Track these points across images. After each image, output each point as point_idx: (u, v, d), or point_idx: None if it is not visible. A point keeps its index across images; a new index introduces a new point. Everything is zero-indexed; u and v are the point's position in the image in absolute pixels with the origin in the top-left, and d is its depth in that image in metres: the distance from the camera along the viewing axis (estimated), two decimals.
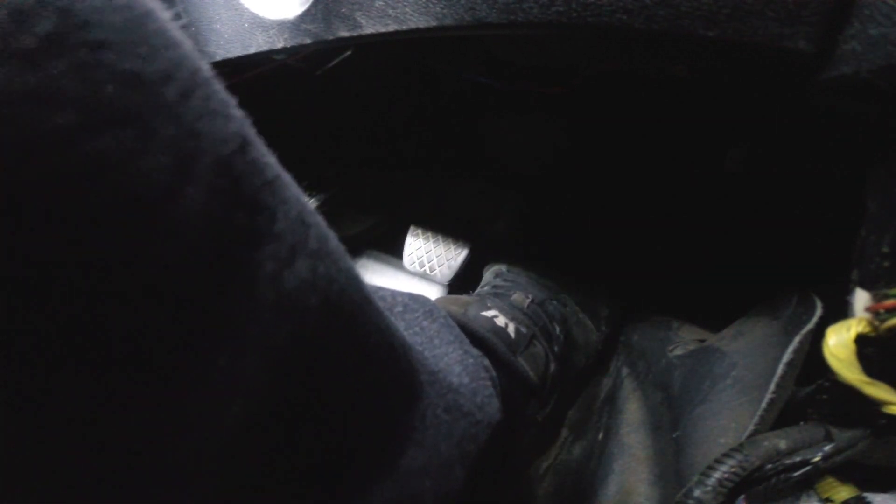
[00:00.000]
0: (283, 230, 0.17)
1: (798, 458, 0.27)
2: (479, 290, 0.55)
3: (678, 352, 0.46)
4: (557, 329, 0.50)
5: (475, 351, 0.32)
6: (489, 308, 0.45)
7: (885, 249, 0.24)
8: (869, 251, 0.25)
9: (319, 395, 0.20)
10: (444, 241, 0.66)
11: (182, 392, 0.15)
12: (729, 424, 0.32)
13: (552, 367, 0.47)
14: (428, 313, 0.32)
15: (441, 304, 0.46)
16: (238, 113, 0.17)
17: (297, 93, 0.68)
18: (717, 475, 0.26)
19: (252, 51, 0.39)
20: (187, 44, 0.15)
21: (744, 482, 0.26)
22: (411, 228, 0.68)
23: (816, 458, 0.26)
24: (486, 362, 0.40)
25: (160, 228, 0.13)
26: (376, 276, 0.72)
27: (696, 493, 0.26)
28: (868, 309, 0.24)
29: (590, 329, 0.54)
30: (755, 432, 0.30)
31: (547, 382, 0.46)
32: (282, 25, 0.36)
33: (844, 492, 0.26)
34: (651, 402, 0.45)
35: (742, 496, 0.27)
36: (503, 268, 0.57)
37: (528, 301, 0.50)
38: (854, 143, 0.40)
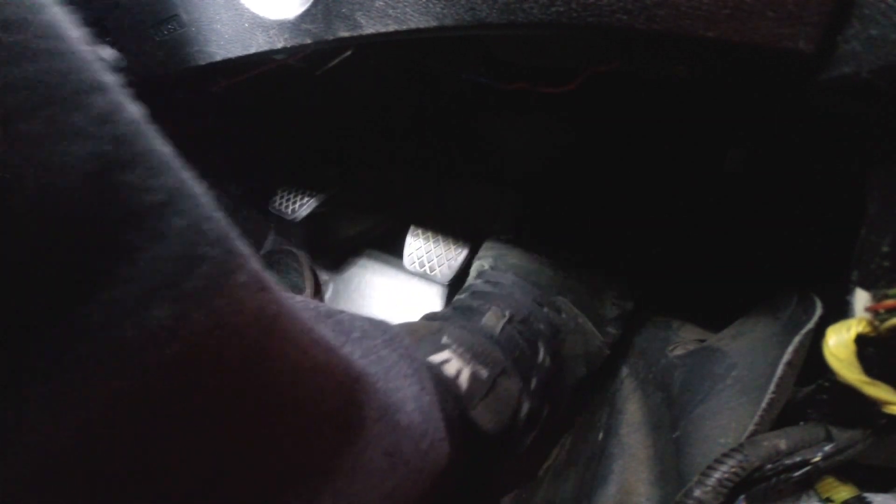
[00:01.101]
0: (140, 272, 0.14)
1: (798, 458, 0.27)
2: (458, 295, 0.52)
3: (678, 352, 0.46)
4: (542, 352, 0.44)
5: (432, 386, 0.29)
6: (442, 348, 0.39)
7: (886, 249, 0.24)
8: (869, 251, 0.25)
9: (168, 455, 0.17)
10: (444, 241, 0.66)
11: None
12: (729, 424, 0.32)
13: (525, 406, 0.41)
14: (388, 342, 0.29)
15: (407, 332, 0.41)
16: (116, 130, 0.14)
17: (297, 93, 0.68)
18: (717, 475, 0.26)
19: (252, 51, 0.39)
20: (60, 53, 0.13)
21: (744, 482, 0.26)
22: (411, 228, 0.68)
23: (816, 458, 0.27)
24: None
25: None
26: (376, 276, 0.72)
27: (697, 493, 0.26)
28: (868, 309, 0.24)
29: (591, 334, 0.50)
30: (755, 432, 0.30)
31: (518, 424, 0.41)
32: (282, 25, 0.36)
33: (844, 492, 0.26)
34: (651, 402, 0.44)
35: (742, 496, 0.27)
36: (487, 264, 0.53)
37: (503, 322, 0.43)
38: (854, 144, 0.40)
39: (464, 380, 0.37)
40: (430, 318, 0.47)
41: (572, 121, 0.66)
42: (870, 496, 0.26)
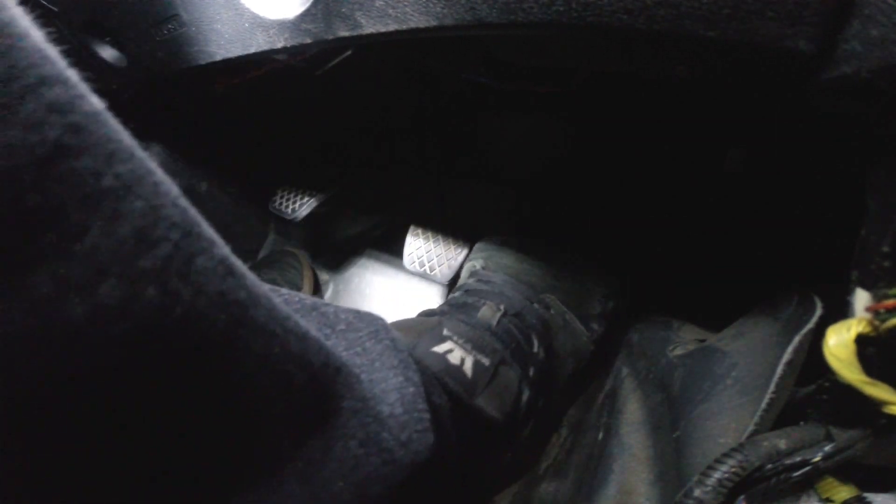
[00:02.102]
0: (90, 249, 0.15)
1: (798, 458, 0.27)
2: (451, 294, 0.52)
3: (678, 352, 0.46)
4: (536, 344, 0.46)
5: (417, 378, 0.29)
6: (444, 339, 0.40)
7: (886, 249, 0.24)
8: (869, 251, 0.25)
9: (115, 431, 0.17)
10: (444, 241, 0.66)
11: None
12: (729, 424, 0.32)
13: (525, 394, 0.43)
14: (373, 334, 0.29)
15: (397, 327, 0.42)
16: (68, 119, 0.15)
17: (297, 93, 0.68)
18: (717, 475, 0.26)
19: (252, 51, 0.39)
20: (16, 49, 0.14)
21: (744, 482, 0.26)
22: (411, 228, 0.68)
23: (816, 458, 0.26)
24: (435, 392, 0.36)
25: None
26: (376, 276, 0.72)
27: (696, 493, 0.26)
28: (868, 309, 0.24)
29: (579, 332, 0.52)
30: (755, 432, 0.30)
31: (520, 412, 0.42)
32: (282, 25, 0.36)
33: (844, 492, 0.26)
34: (651, 402, 0.44)
35: (742, 496, 0.27)
36: (478, 264, 0.54)
37: (498, 315, 0.45)
38: (854, 144, 0.40)
39: (468, 368, 0.39)
40: (426, 314, 0.48)
41: (572, 121, 0.66)
42: (870, 496, 0.26)
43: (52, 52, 0.15)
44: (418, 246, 0.67)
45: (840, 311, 0.26)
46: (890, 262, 0.24)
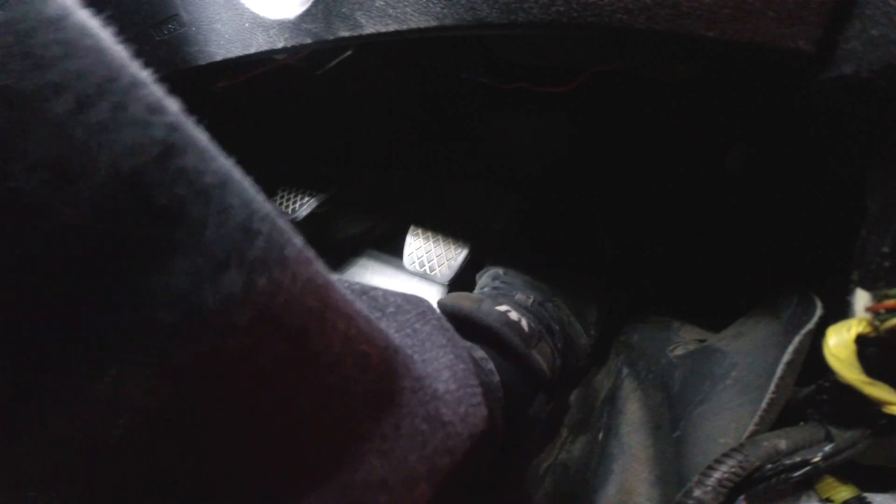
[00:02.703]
0: (211, 242, 0.16)
1: (798, 459, 0.27)
2: (477, 292, 0.56)
3: (678, 352, 0.46)
4: (557, 328, 0.51)
5: (466, 355, 0.30)
6: (502, 303, 0.46)
7: (886, 250, 0.24)
8: (869, 251, 0.25)
9: (241, 412, 0.18)
10: (444, 241, 0.66)
11: (59, 406, 0.14)
12: (729, 424, 0.32)
13: (557, 361, 0.48)
14: (421, 315, 0.31)
15: (453, 300, 0.47)
16: (168, 119, 0.16)
17: (297, 93, 0.68)
18: (717, 475, 0.26)
19: (252, 51, 0.39)
20: (106, 50, 0.15)
21: (744, 482, 0.26)
22: (411, 228, 0.68)
23: (816, 459, 0.26)
24: (488, 365, 0.39)
25: (25, 249, 0.13)
26: (376, 276, 0.72)
27: (696, 493, 0.26)
28: (868, 309, 0.24)
29: (580, 333, 0.56)
30: (755, 432, 0.30)
31: (555, 377, 0.47)
32: (282, 25, 0.36)
33: (844, 492, 0.26)
34: (651, 402, 0.44)
35: (742, 496, 0.27)
36: (500, 271, 0.58)
37: (530, 300, 0.51)
38: (854, 144, 0.40)
39: (525, 325, 0.45)
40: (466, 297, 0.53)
41: (572, 121, 0.66)
42: (870, 496, 0.26)
43: (126, 51, 0.16)
44: (418, 246, 0.67)
45: (840, 311, 0.26)
46: (890, 263, 0.24)
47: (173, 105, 0.17)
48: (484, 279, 0.59)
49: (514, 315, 0.45)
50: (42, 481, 0.16)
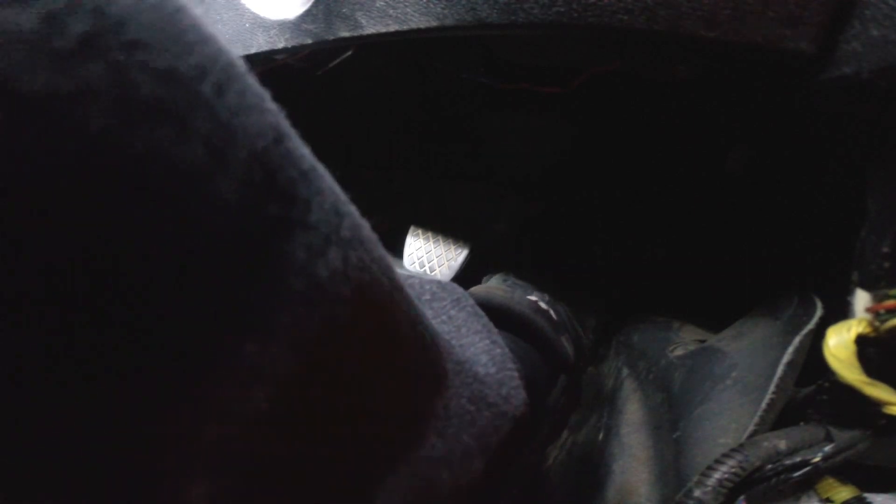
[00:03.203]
0: (317, 220, 0.17)
1: (798, 459, 0.27)
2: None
3: (678, 352, 0.46)
4: (570, 324, 0.52)
5: (501, 340, 0.31)
6: (532, 293, 0.48)
7: (886, 250, 0.24)
8: (869, 252, 0.25)
9: (349, 385, 0.19)
10: (444, 241, 0.66)
11: (206, 374, 0.15)
12: (729, 425, 0.32)
13: (574, 353, 0.49)
14: (455, 302, 0.32)
15: (486, 290, 0.48)
16: (272, 106, 0.17)
17: (297, 93, 0.68)
18: (717, 475, 0.26)
19: (253, 51, 0.39)
20: (220, 39, 0.16)
21: (744, 482, 0.26)
22: (411, 228, 0.68)
23: (816, 459, 0.26)
24: (527, 346, 0.41)
25: (191, 219, 0.14)
26: None
27: (697, 493, 0.26)
28: (868, 309, 0.24)
29: (581, 336, 0.56)
30: (755, 433, 0.30)
31: (577, 371, 0.48)
32: (282, 26, 0.36)
33: (844, 492, 0.26)
34: (651, 402, 0.44)
35: (742, 496, 0.27)
36: (507, 274, 0.59)
37: (546, 297, 0.52)
38: (854, 144, 0.40)
39: (553, 314, 0.46)
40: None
41: (572, 121, 0.66)
42: (870, 496, 0.26)
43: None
44: (418, 246, 0.67)
45: (840, 311, 0.26)
46: (890, 263, 0.24)
47: (268, 93, 0.18)
48: (493, 281, 0.60)
49: (543, 305, 0.47)
50: (202, 459, 0.16)
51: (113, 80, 0.12)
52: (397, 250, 0.69)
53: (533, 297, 0.48)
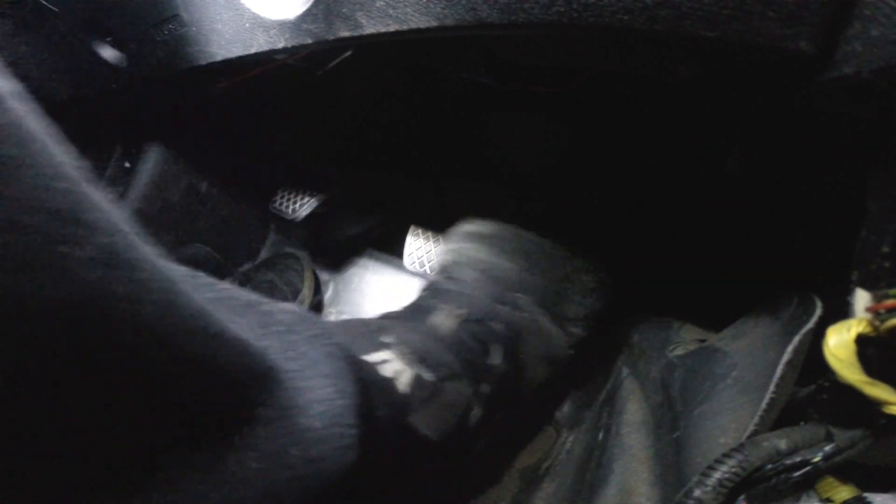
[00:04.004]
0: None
1: (798, 459, 0.27)
2: (421, 290, 0.49)
3: (678, 352, 0.46)
4: (497, 356, 0.42)
5: (352, 389, 0.28)
6: (380, 347, 0.37)
7: (886, 250, 0.24)
8: (869, 251, 0.25)
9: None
10: (444, 242, 0.66)
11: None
12: (729, 424, 0.32)
13: (475, 411, 0.40)
14: (312, 338, 0.28)
15: (342, 329, 0.39)
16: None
17: (297, 93, 0.68)
18: (717, 475, 0.26)
19: (253, 51, 0.39)
20: None
21: (744, 482, 0.26)
22: (411, 228, 0.68)
23: (816, 459, 0.27)
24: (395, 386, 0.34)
25: None
26: (376, 275, 0.72)
27: (697, 493, 0.26)
28: (868, 309, 0.24)
29: (553, 335, 0.48)
30: (755, 432, 0.30)
31: (467, 430, 0.39)
32: (282, 25, 0.36)
33: (844, 492, 0.26)
34: (651, 402, 0.44)
35: (742, 496, 0.27)
36: (450, 258, 0.51)
37: (455, 323, 0.42)
38: (854, 144, 0.40)
39: (404, 382, 0.36)
40: (383, 316, 0.45)
41: (573, 121, 0.66)
42: (870, 496, 0.26)
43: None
44: (418, 246, 0.67)
45: (840, 311, 0.26)
46: (890, 263, 0.24)
47: None
48: (437, 266, 0.52)
49: (389, 368, 0.35)
50: None
51: None
52: (397, 250, 0.69)
53: (378, 357, 0.36)
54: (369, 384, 0.32)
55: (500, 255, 0.49)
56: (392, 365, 0.36)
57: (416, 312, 0.44)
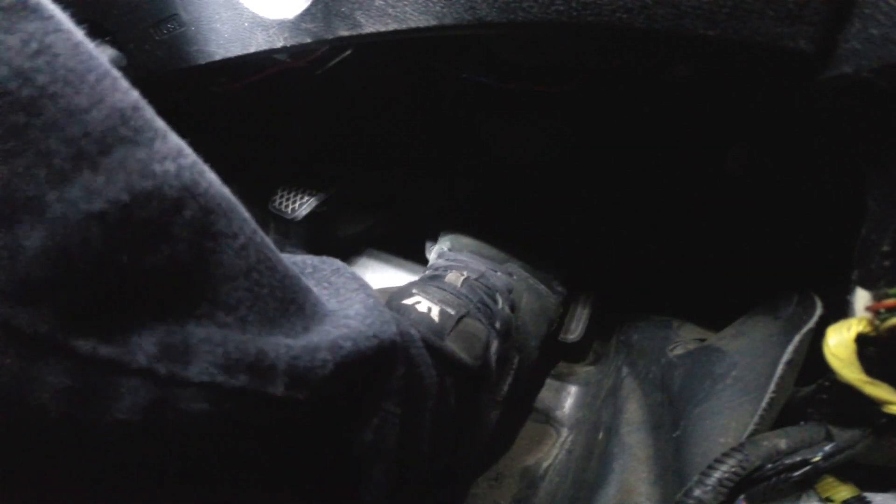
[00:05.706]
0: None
1: (798, 458, 0.27)
2: (422, 275, 0.56)
3: (678, 351, 0.46)
4: (500, 301, 0.50)
5: (376, 293, 0.33)
6: (411, 295, 0.46)
7: (886, 249, 0.24)
8: (869, 251, 0.25)
9: None
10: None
11: None
12: (729, 424, 0.32)
13: (494, 344, 0.47)
14: (335, 271, 0.34)
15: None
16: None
17: (297, 93, 0.68)
18: (717, 475, 0.26)
19: (252, 50, 0.39)
20: None
21: (744, 482, 0.26)
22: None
23: (816, 458, 0.26)
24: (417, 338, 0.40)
25: None
26: (376, 275, 0.72)
27: (697, 492, 0.26)
28: (868, 308, 0.24)
29: (544, 294, 0.56)
30: (755, 432, 0.30)
31: (490, 360, 0.46)
32: (281, 24, 0.36)
33: (844, 492, 0.26)
34: (651, 401, 0.44)
35: (742, 496, 0.27)
36: (445, 247, 0.58)
37: (461, 279, 0.50)
38: (854, 144, 0.40)
39: (435, 315, 0.44)
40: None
41: (572, 121, 0.66)
42: (870, 496, 0.26)
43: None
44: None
45: (840, 310, 0.26)
46: (890, 262, 0.24)
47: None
48: (431, 257, 0.60)
49: (423, 306, 0.44)
50: None
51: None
52: (397, 250, 0.69)
53: (411, 300, 0.45)
54: (411, 320, 0.41)
55: (487, 239, 0.58)
56: (423, 303, 0.45)
57: (429, 278, 0.52)
